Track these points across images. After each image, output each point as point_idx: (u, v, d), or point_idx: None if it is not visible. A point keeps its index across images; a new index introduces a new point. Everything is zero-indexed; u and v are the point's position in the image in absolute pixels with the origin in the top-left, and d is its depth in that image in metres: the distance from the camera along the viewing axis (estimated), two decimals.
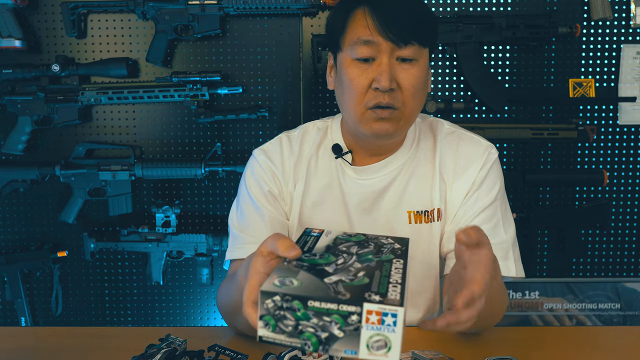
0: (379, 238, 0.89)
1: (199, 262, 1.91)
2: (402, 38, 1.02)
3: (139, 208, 1.93)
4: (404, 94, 1.05)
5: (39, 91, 1.81)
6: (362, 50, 1.03)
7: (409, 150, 1.18)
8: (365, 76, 1.04)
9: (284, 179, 1.18)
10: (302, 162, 1.19)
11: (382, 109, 1.04)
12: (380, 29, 1.01)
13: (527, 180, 1.86)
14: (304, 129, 1.23)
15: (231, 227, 1.20)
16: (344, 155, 1.16)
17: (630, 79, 1.87)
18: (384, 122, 1.06)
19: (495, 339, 1.04)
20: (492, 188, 1.15)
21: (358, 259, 0.81)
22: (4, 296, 1.94)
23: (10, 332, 1.18)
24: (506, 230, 1.15)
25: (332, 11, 1.12)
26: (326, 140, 1.20)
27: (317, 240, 0.87)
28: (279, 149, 1.20)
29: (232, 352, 0.92)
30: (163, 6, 1.78)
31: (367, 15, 1.03)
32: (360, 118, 1.07)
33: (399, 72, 1.04)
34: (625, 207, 1.93)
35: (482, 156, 1.16)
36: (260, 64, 1.87)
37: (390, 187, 1.16)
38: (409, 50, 1.03)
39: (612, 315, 1.82)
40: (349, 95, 1.06)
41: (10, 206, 1.94)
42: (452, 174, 1.16)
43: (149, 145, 1.91)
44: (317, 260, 0.81)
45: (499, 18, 1.79)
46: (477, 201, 1.15)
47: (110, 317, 2.00)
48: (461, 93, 1.88)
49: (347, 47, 1.06)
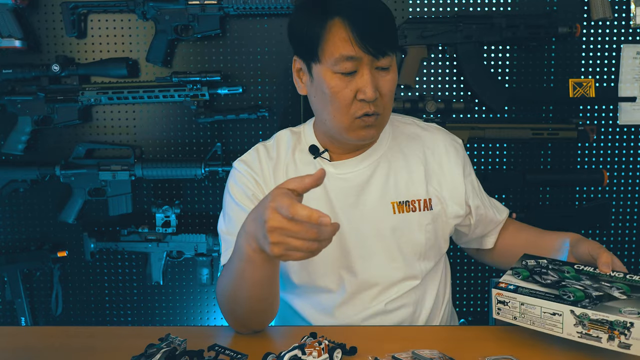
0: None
1: (199, 262, 1.91)
2: (380, 51, 1.08)
3: (139, 208, 1.93)
4: (384, 99, 1.12)
5: (39, 91, 1.81)
6: (346, 66, 1.08)
7: (385, 143, 1.25)
8: (350, 88, 1.09)
9: (265, 184, 1.22)
10: (280, 167, 1.23)
11: (369, 116, 1.11)
12: (362, 44, 1.06)
13: (527, 180, 1.86)
14: (278, 136, 1.29)
15: (221, 234, 1.24)
16: (322, 154, 1.21)
17: (630, 79, 1.87)
18: (370, 129, 1.13)
19: (495, 339, 1.04)
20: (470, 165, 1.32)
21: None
22: (4, 296, 1.94)
23: (10, 332, 1.18)
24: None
25: (298, 17, 1.14)
26: (300, 144, 1.25)
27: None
28: (257, 157, 1.25)
29: (232, 352, 0.92)
30: (163, 6, 1.78)
31: (347, 30, 1.06)
32: (348, 127, 1.13)
33: (379, 80, 1.11)
34: (625, 207, 1.93)
35: (454, 142, 1.30)
36: (260, 64, 1.87)
37: (371, 179, 1.21)
38: (386, 60, 1.10)
39: None
40: (334, 106, 1.11)
41: (10, 206, 1.94)
42: (436, 162, 1.25)
43: (149, 145, 1.91)
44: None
45: (499, 18, 1.79)
46: (473, 182, 1.29)
47: (110, 317, 2.00)
48: (461, 93, 1.88)
49: (327, 60, 1.09)
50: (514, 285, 1.00)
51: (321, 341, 0.89)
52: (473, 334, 1.10)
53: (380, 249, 1.20)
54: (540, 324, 0.96)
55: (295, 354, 0.87)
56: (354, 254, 1.20)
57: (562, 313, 0.93)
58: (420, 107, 1.80)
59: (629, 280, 1.00)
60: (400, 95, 1.87)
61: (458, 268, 1.94)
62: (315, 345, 0.88)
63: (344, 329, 1.15)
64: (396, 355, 0.93)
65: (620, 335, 0.88)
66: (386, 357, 0.94)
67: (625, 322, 0.88)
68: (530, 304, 0.96)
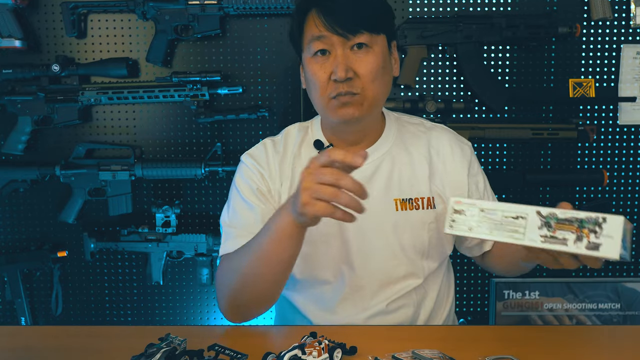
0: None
1: (199, 262, 1.91)
2: (349, 29, 1.11)
3: (139, 208, 1.93)
4: (362, 80, 1.14)
5: (39, 91, 1.81)
6: (315, 45, 1.14)
7: (391, 140, 1.26)
8: (324, 70, 1.14)
9: (271, 178, 1.24)
10: (287, 161, 1.26)
11: (343, 95, 1.13)
12: (327, 25, 1.12)
13: (527, 180, 1.85)
14: (286, 131, 1.32)
15: (223, 226, 1.26)
16: (326, 148, 1.23)
17: (630, 79, 1.87)
18: (348, 107, 1.15)
19: (495, 338, 1.04)
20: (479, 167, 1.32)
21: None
22: (4, 296, 1.94)
23: (10, 331, 1.18)
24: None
25: (292, 19, 1.23)
26: (307, 138, 1.28)
27: None
28: (264, 151, 1.28)
29: (232, 352, 0.92)
30: (163, 6, 1.78)
31: (315, 15, 1.14)
32: (326, 107, 1.17)
33: (355, 60, 1.13)
34: (625, 207, 1.93)
35: (460, 142, 1.29)
36: (260, 64, 1.87)
37: (374, 175, 1.23)
38: (360, 38, 1.12)
39: (612, 315, 1.82)
40: (314, 88, 1.17)
41: (10, 206, 1.94)
42: (441, 162, 1.25)
43: (149, 145, 1.91)
44: None
45: (499, 18, 1.79)
46: (478, 183, 1.28)
47: (110, 317, 2.00)
48: (461, 93, 1.88)
49: (305, 47, 1.17)
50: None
51: (321, 341, 0.89)
52: (473, 334, 1.10)
53: (380, 245, 1.21)
54: (499, 232, 0.89)
55: (295, 353, 0.87)
56: (354, 248, 1.21)
57: (527, 215, 0.87)
58: (420, 107, 1.80)
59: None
60: (400, 95, 1.87)
61: (458, 268, 1.94)
62: (315, 345, 0.88)
63: (344, 328, 1.15)
64: (396, 355, 0.93)
65: (590, 233, 0.82)
66: (386, 357, 0.93)
67: (597, 218, 0.82)
68: (491, 209, 0.90)
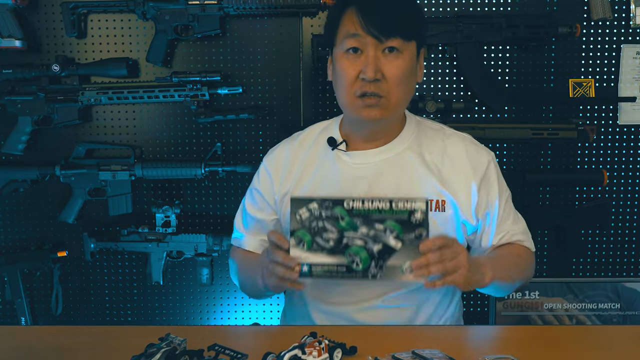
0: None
1: (199, 262, 1.91)
2: (383, 33, 1.13)
3: (139, 208, 1.93)
4: (389, 83, 1.16)
5: (39, 91, 1.81)
6: (349, 42, 1.16)
7: (406, 141, 1.26)
8: (353, 67, 1.16)
9: (278, 180, 1.30)
10: (299, 159, 1.29)
11: (369, 96, 1.16)
12: (364, 25, 1.14)
13: (527, 180, 1.85)
14: (310, 127, 1.37)
15: (245, 209, 1.36)
16: (338, 146, 1.26)
17: (630, 79, 1.87)
18: (372, 109, 1.17)
19: (495, 338, 1.04)
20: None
21: None
22: (4, 296, 1.93)
23: (10, 331, 1.18)
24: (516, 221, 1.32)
25: (329, 12, 1.26)
26: (326, 133, 1.31)
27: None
28: (281, 151, 1.34)
29: (232, 352, 0.92)
30: (163, 6, 1.78)
31: (357, 13, 1.15)
32: (351, 105, 1.19)
33: (384, 63, 1.15)
34: (625, 207, 1.93)
35: (477, 153, 1.27)
36: (260, 64, 1.87)
37: (384, 174, 1.23)
38: (393, 42, 1.14)
39: (612, 315, 1.82)
40: (340, 84, 1.19)
41: (10, 206, 1.94)
42: (454, 169, 1.24)
43: (149, 145, 1.91)
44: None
45: (499, 18, 1.79)
46: (490, 195, 1.25)
47: (110, 316, 2.00)
48: (461, 93, 1.88)
49: (339, 42, 1.19)
50: (307, 266, 1.00)
51: (321, 341, 0.89)
52: (473, 334, 1.10)
53: None
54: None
55: (295, 353, 0.87)
56: None
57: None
58: (420, 107, 1.80)
59: (396, 212, 1.00)
60: None
61: None
62: (315, 345, 0.88)
63: (344, 328, 1.15)
64: (396, 355, 0.93)
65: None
66: (386, 356, 0.93)
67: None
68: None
